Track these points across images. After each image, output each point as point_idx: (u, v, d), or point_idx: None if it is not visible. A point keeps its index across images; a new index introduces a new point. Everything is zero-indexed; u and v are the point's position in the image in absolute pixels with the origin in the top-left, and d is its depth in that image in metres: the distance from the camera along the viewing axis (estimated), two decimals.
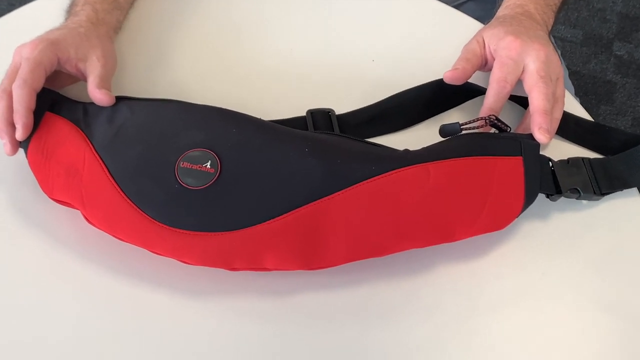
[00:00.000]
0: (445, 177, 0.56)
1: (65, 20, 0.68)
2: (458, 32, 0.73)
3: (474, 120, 0.60)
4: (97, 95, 0.61)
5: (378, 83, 0.70)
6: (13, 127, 0.58)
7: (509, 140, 0.58)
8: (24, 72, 0.59)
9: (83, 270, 0.58)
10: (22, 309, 0.56)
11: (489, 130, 0.63)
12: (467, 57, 0.65)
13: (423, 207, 0.55)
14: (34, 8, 0.78)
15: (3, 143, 0.59)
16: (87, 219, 0.58)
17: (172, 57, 0.73)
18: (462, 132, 0.60)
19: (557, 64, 0.63)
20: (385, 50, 0.74)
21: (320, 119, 0.66)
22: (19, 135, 0.58)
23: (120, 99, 0.62)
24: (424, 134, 0.65)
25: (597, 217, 0.62)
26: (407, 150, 0.59)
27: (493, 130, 0.62)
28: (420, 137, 0.62)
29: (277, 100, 0.69)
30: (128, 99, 0.63)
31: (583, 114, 0.69)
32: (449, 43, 0.71)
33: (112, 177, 0.57)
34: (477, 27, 0.73)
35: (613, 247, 0.61)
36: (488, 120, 0.60)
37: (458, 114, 0.69)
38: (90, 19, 0.67)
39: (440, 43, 0.74)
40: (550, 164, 0.60)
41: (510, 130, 0.61)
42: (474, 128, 0.60)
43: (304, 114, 0.67)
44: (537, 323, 0.56)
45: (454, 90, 0.66)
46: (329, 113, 0.67)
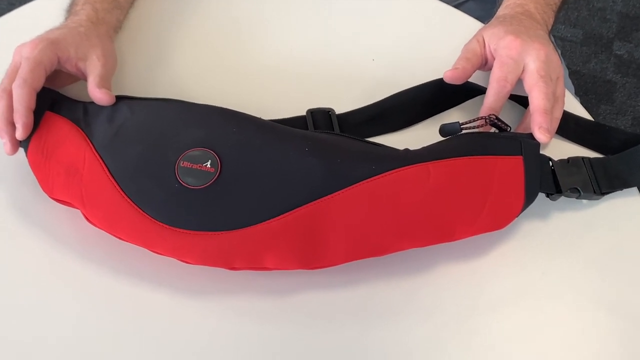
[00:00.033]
0: (446, 176, 0.56)
1: (65, 20, 0.68)
2: (458, 31, 0.73)
3: (474, 120, 0.60)
4: (97, 95, 0.61)
5: (378, 82, 0.70)
6: (13, 126, 0.58)
7: (509, 140, 0.58)
8: (24, 71, 0.59)
9: (83, 270, 0.58)
10: (22, 309, 0.56)
11: (489, 130, 0.63)
12: (467, 56, 0.65)
13: (423, 206, 0.55)
14: (34, 7, 0.78)
15: (3, 142, 0.59)
16: (87, 219, 0.58)
17: (172, 56, 0.73)
18: (462, 131, 0.60)
19: (557, 64, 0.63)
20: (386, 50, 0.74)
21: (321, 119, 0.66)
22: (19, 135, 0.58)
23: (121, 99, 0.62)
24: (424, 134, 0.65)
25: (597, 216, 0.62)
26: (407, 150, 0.59)
27: (493, 130, 0.62)
28: (420, 136, 0.62)
29: (277, 100, 0.69)
30: (128, 99, 0.63)
31: (583, 114, 0.69)
32: (449, 42, 0.71)
33: (112, 176, 0.57)
34: (477, 26, 0.73)
35: (613, 246, 0.61)
36: (488, 120, 0.60)
37: (458, 114, 0.69)
38: (90, 18, 0.67)
39: (441, 42, 0.74)
40: (551, 164, 0.60)
41: (511, 130, 0.61)
42: (474, 127, 0.60)
43: (304, 114, 0.67)
44: (537, 323, 0.56)
45: (454, 90, 0.66)
46: (329, 112, 0.67)
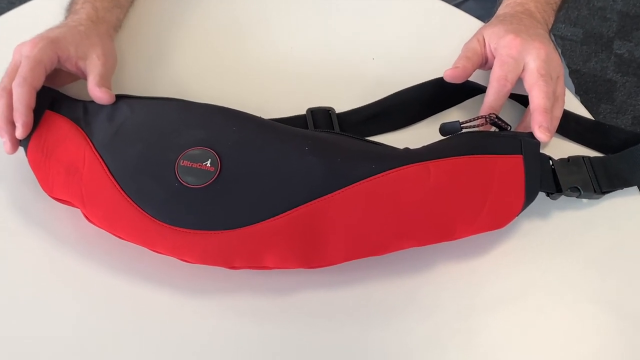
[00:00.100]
0: (446, 175, 0.56)
1: (65, 19, 0.68)
2: (458, 30, 0.73)
3: (474, 119, 0.60)
4: (97, 94, 0.61)
5: (378, 81, 0.70)
6: (13, 125, 0.58)
7: (509, 139, 0.58)
8: (24, 70, 0.59)
9: (83, 269, 0.58)
10: (22, 308, 0.56)
11: (489, 129, 0.63)
12: (467, 55, 0.65)
13: (423, 205, 0.55)
14: (34, 6, 0.78)
15: (3, 141, 0.59)
16: (87, 218, 0.58)
17: (172, 55, 0.73)
18: (462, 130, 0.60)
19: (557, 63, 0.63)
20: (386, 49, 0.74)
21: (321, 118, 0.66)
22: (19, 134, 0.58)
23: (120, 98, 0.62)
24: (424, 133, 0.65)
25: (597, 215, 0.62)
26: (407, 149, 0.59)
27: (493, 129, 0.62)
28: (421, 135, 0.62)
29: (277, 99, 0.69)
30: (128, 98, 0.63)
31: (583, 113, 0.69)
32: (449, 41, 0.71)
33: (112, 175, 0.57)
34: (477, 25, 0.73)
35: (613, 245, 0.61)
36: (488, 119, 0.60)
37: (458, 113, 0.69)
38: (90, 17, 0.67)
39: (441, 41, 0.74)
40: (551, 163, 0.60)
41: (511, 129, 0.61)
42: (474, 126, 0.60)
43: (304, 113, 0.67)
44: (537, 322, 0.56)
45: (454, 89, 0.66)
46: (329, 111, 0.67)
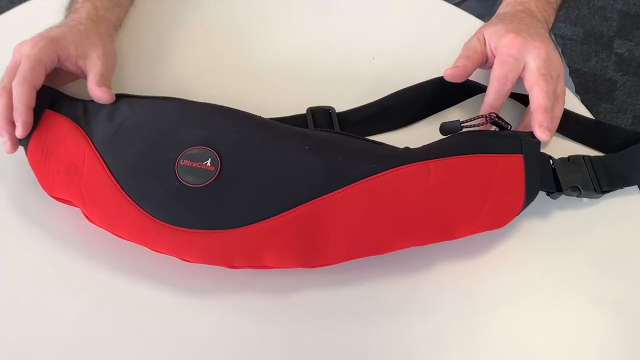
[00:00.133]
0: (446, 174, 0.56)
1: (65, 18, 0.68)
2: (459, 29, 0.73)
3: (475, 118, 0.60)
4: (97, 93, 0.61)
5: (378, 80, 0.70)
6: (13, 124, 0.58)
7: (510, 138, 0.58)
8: (24, 69, 0.59)
9: (83, 268, 0.58)
10: (22, 307, 0.56)
11: (490, 128, 0.63)
12: (467, 54, 0.65)
13: (423, 204, 0.55)
14: (34, 5, 0.77)
15: (3, 141, 0.59)
16: (87, 217, 0.58)
17: (172, 54, 0.73)
18: (462, 129, 0.60)
19: (557, 62, 0.63)
20: (386, 48, 0.74)
21: (321, 117, 0.66)
22: (19, 133, 0.58)
23: (120, 97, 0.62)
24: (425, 132, 0.65)
25: (597, 215, 0.62)
26: (407, 148, 0.59)
27: (494, 128, 0.62)
28: (421, 135, 0.62)
29: (277, 98, 0.69)
30: (128, 97, 0.63)
31: (583, 112, 0.69)
32: (450, 41, 0.71)
33: (112, 174, 0.57)
34: (477, 24, 0.73)
35: (613, 244, 0.61)
36: (489, 118, 0.60)
37: (458, 112, 0.69)
38: (90, 17, 0.67)
39: (441, 41, 0.74)
40: (551, 162, 0.60)
41: (511, 128, 0.61)
42: (475, 126, 0.60)
43: (304, 112, 0.67)
44: (537, 321, 0.56)
45: (455, 88, 0.66)
46: (329, 111, 0.67)
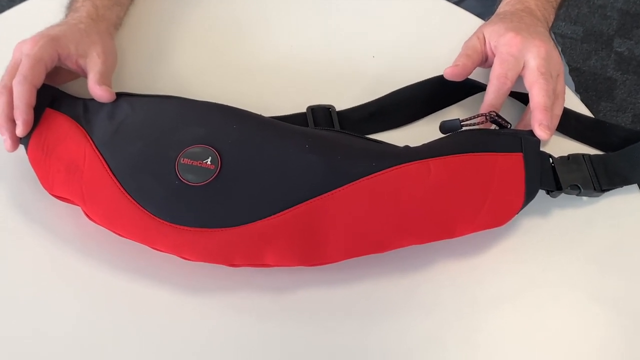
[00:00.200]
0: (446, 173, 0.56)
1: (66, 17, 0.68)
2: (458, 28, 0.73)
3: (475, 117, 0.60)
4: (97, 92, 0.61)
5: (378, 79, 0.70)
6: (13, 123, 0.58)
7: (510, 137, 0.58)
8: (25, 68, 0.59)
9: (83, 267, 0.58)
10: (22, 306, 0.56)
11: (490, 127, 0.63)
12: (467, 53, 0.65)
13: (423, 203, 0.55)
14: (34, 4, 0.78)
15: (3, 139, 0.59)
16: (87, 215, 0.58)
17: (172, 53, 0.73)
18: (462, 128, 0.60)
19: (557, 61, 0.63)
20: (386, 47, 0.74)
21: (321, 115, 0.66)
22: (19, 132, 0.58)
23: (121, 95, 0.62)
24: (424, 131, 0.65)
25: (597, 213, 0.62)
26: (407, 147, 0.59)
27: (493, 127, 0.62)
28: (421, 133, 0.62)
29: (277, 96, 0.69)
30: (128, 95, 0.63)
31: (583, 111, 0.69)
32: (450, 39, 0.71)
33: (112, 173, 0.57)
34: (477, 23, 0.73)
35: (613, 243, 0.61)
36: (488, 117, 0.60)
37: (458, 111, 0.69)
38: (91, 15, 0.67)
39: (441, 39, 0.74)
40: (551, 161, 0.60)
41: (511, 127, 0.61)
42: (474, 124, 0.60)
43: (304, 110, 0.67)
44: (537, 319, 0.56)
45: (455, 87, 0.66)
46: (329, 109, 0.67)
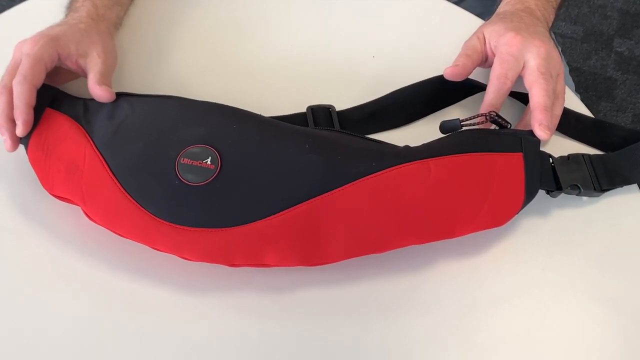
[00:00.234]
0: (446, 173, 0.56)
1: (66, 16, 0.68)
2: (458, 28, 0.73)
3: (475, 117, 0.60)
4: (97, 92, 0.61)
5: (378, 79, 0.70)
6: (13, 123, 0.58)
7: (510, 137, 0.58)
8: (25, 68, 0.59)
9: (83, 267, 0.58)
10: (22, 305, 0.56)
11: (490, 127, 0.63)
12: (467, 53, 0.65)
13: (423, 203, 0.55)
14: (34, 4, 0.78)
15: (3, 139, 0.59)
16: (87, 215, 0.58)
17: (172, 53, 0.73)
18: (462, 128, 0.60)
19: (557, 61, 0.63)
20: (386, 47, 0.74)
21: (321, 115, 0.66)
22: (20, 132, 0.58)
23: (121, 95, 0.62)
24: (424, 131, 0.65)
25: (597, 213, 0.62)
26: (407, 147, 0.59)
27: (493, 127, 0.62)
28: (421, 133, 0.62)
29: (277, 96, 0.69)
30: (128, 95, 0.63)
31: (583, 111, 0.69)
32: (450, 39, 0.71)
33: (112, 173, 0.57)
34: (477, 23, 0.73)
35: (613, 243, 0.61)
36: (488, 117, 0.60)
37: (458, 111, 0.69)
38: (91, 15, 0.67)
39: (441, 39, 0.74)
40: (551, 160, 0.60)
41: (511, 127, 0.61)
42: (474, 124, 0.60)
43: (304, 110, 0.67)
44: (536, 319, 0.56)
45: (455, 87, 0.66)
46: (329, 109, 0.67)
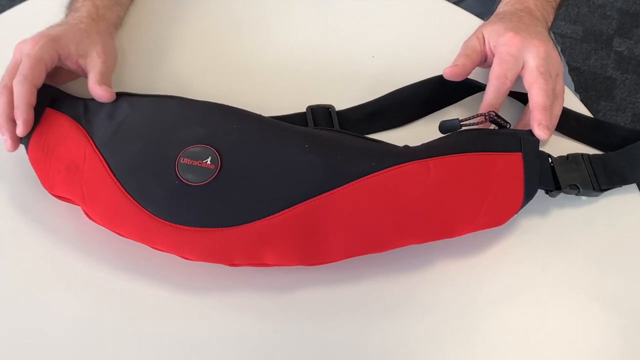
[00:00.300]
0: (445, 173, 0.56)
1: (66, 16, 0.68)
2: (458, 28, 0.73)
3: (474, 117, 0.60)
4: (97, 92, 0.61)
5: (378, 79, 0.70)
6: (14, 123, 0.59)
7: (509, 137, 0.58)
8: (25, 68, 0.59)
9: (83, 266, 0.58)
10: (22, 305, 0.56)
11: (489, 127, 0.63)
12: (466, 53, 0.65)
13: (423, 203, 0.55)
14: (35, 4, 0.78)
15: (4, 139, 0.59)
16: (87, 215, 0.58)
17: (172, 53, 0.73)
18: (461, 128, 0.60)
19: (556, 60, 0.63)
20: (386, 47, 0.74)
21: (320, 115, 0.66)
22: (20, 132, 0.58)
23: (121, 95, 0.63)
24: (424, 130, 0.65)
25: (596, 213, 0.62)
26: (406, 147, 0.59)
27: (493, 127, 0.62)
28: (420, 133, 0.62)
29: (277, 96, 0.69)
30: (128, 95, 0.63)
31: (583, 110, 0.69)
32: (449, 39, 0.71)
33: (112, 173, 0.57)
34: (477, 23, 0.73)
35: (612, 243, 0.61)
36: (488, 117, 0.60)
37: (458, 110, 0.69)
38: (91, 15, 0.67)
39: (440, 39, 0.74)
40: (550, 160, 0.60)
41: (510, 127, 0.61)
42: (474, 124, 0.60)
43: (304, 110, 0.67)
44: (536, 318, 0.57)
45: (454, 87, 0.66)
46: (329, 109, 0.67)
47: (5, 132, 0.59)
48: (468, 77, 0.65)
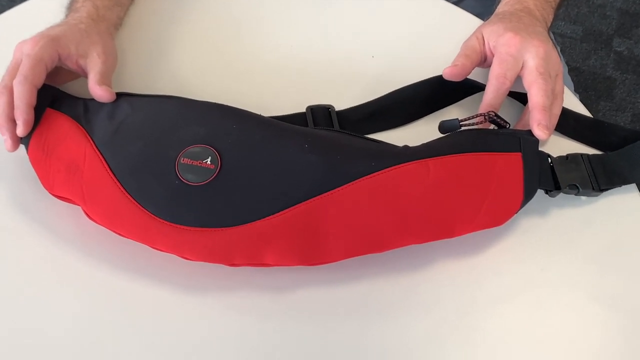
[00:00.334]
0: (445, 173, 0.56)
1: (66, 17, 0.68)
2: (458, 28, 0.73)
3: (473, 117, 0.60)
4: (97, 92, 0.61)
5: (378, 79, 0.71)
6: (14, 123, 0.59)
7: (508, 137, 0.58)
8: (25, 68, 0.59)
9: (83, 266, 0.58)
10: (22, 305, 0.56)
11: (488, 127, 0.63)
12: (466, 53, 0.65)
13: (423, 203, 0.55)
14: (35, 4, 0.78)
15: (4, 139, 0.59)
16: (87, 215, 0.58)
17: (172, 53, 0.73)
18: (461, 128, 0.60)
19: (556, 61, 0.63)
20: (385, 47, 0.74)
21: (320, 115, 0.66)
22: (20, 132, 0.58)
23: (121, 95, 0.63)
24: (424, 130, 0.65)
25: (595, 213, 0.62)
26: (406, 147, 0.59)
27: (492, 127, 0.62)
28: (420, 133, 0.62)
29: (277, 96, 0.69)
30: (128, 95, 0.63)
31: (582, 110, 0.69)
32: (449, 39, 0.71)
33: (112, 173, 0.57)
34: (476, 23, 0.73)
35: (612, 242, 0.61)
36: (487, 117, 0.60)
37: (457, 110, 0.69)
38: (91, 15, 0.67)
39: (440, 39, 0.74)
40: (549, 160, 0.61)
41: (510, 127, 0.61)
42: (473, 124, 0.60)
43: (304, 110, 0.67)
44: (536, 318, 0.57)
45: (454, 87, 0.66)
46: (329, 109, 0.67)
47: (6, 132, 0.59)
48: (468, 77, 0.65)
